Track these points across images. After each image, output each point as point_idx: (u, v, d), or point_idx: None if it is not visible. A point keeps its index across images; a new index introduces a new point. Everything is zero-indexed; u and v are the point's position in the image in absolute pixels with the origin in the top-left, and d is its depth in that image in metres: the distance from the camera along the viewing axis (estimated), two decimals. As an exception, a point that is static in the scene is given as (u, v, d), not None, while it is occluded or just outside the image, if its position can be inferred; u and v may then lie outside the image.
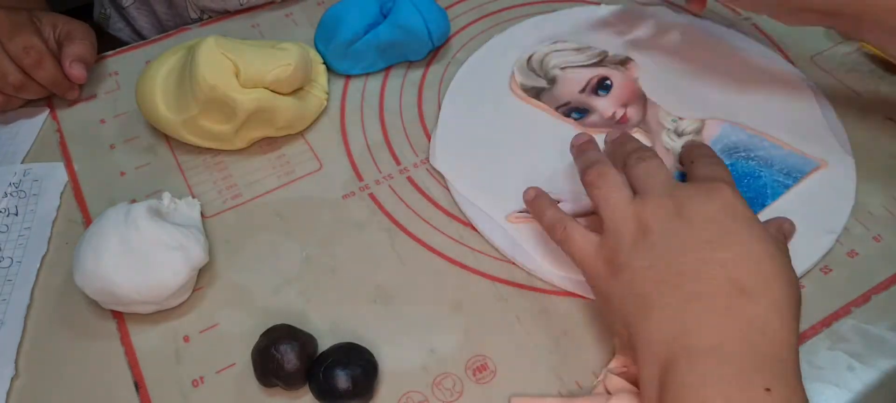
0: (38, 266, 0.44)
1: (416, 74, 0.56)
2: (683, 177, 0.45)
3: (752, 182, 0.47)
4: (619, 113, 0.51)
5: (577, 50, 0.56)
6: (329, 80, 0.54)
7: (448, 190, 0.48)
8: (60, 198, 0.48)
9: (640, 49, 0.56)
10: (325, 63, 0.55)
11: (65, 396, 0.39)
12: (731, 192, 0.36)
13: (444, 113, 0.52)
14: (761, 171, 0.47)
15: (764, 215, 0.44)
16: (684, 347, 0.32)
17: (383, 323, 0.42)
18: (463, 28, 0.60)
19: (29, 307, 0.43)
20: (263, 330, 0.39)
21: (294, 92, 0.50)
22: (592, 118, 0.51)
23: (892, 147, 0.50)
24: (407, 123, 0.52)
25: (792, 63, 0.56)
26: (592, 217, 0.44)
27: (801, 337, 0.39)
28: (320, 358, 0.38)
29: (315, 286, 0.43)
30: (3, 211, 0.47)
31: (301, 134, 0.52)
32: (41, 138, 0.52)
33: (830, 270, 0.43)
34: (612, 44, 0.56)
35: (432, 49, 0.56)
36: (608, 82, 0.53)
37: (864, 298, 0.42)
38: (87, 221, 0.47)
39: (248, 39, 0.51)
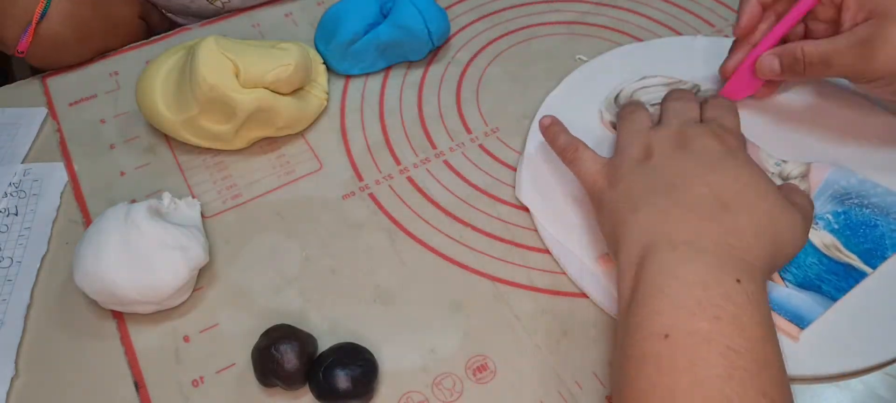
0: (38, 266, 0.44)
1: (416, 74, 0.56)
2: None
3: (868, 232, 0.44)
4: None
5: (667, 85, 0.53)
6: (329, 80, 0.54)
7: (532, 221, 0.48)
8: (60, 197, 0.48)
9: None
10: (325, 63, 0.55)
11: (65, 396, 0.39)
12: (736, 140, 0.41)
13: (529, 145, 0.50)
14: (877, 220, 0.44)
15: (887, 267, 0.43)
16: (664, 234, 0.35)
17: (383, 323, 0.41)
18: (463, 28, 0.60)
19: (29, 307, 0.43)
20: (263, 330, 0.39)
21: (294, 92, 0.50)
22: None
23: None
24: (407, 123, 0.52)
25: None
26: None
27: None
28: (320, 358, 0.38)
29: (315, 286, 0.43)
30: (3, 211, 0.47)
31: (301, 134, 0.52)
32: (41, 138, 0.52)
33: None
34: (705, 79, 0.53)
35: (432, 49, 0.56)
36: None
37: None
38: (87, 221, 0.47)
39: (248, 39, 0.51)
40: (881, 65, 0.42)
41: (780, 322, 0.40)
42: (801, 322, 0.40)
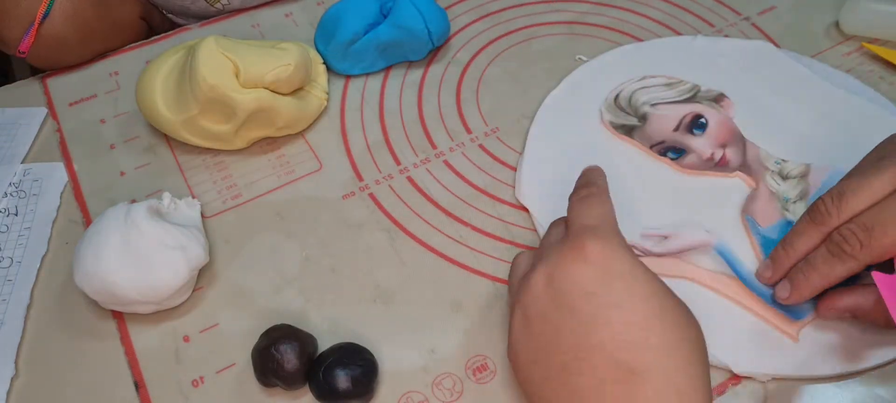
0: (38, 266, 0.44)
1: (416, 74, 0.56)
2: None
3: None
4: (718, 154, 0.48)
5: (667, 85, 0.53)
6: (329, 80, 0.54)
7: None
8: (60, 197, 0.48)
9: (735, 85, 0.53)
10: (325, 63, 0.55)
11: (65, 396, 0.39)
12: (601, 246, 0.32)
13: (529, 146, 0.50)
14: None
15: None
16: None
17: (383, 323, 0.42)
18: (463, 28, 0.60)
19: (29, 307, 0.43)
20: (263, 330, 0.39)
21: (294, 92, 0.50)
22: (690, 158, 0.48)
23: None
24: (407, 123, 0.52)
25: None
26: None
27: None
28: (320, 358, 0.38)
29: (315, 286, 0.43)
30: (3, 211, 0.47)
31: (301, 134, 0.52)
32: (41, 138, 0.52)
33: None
34: (705, 78, 0.53)
35: (432, 49, 0.56)
36: (703, 120, 0.50)
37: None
38: (87, 221, 0.47)
39: (248, 39, 0.51)
40: None
41: (776, 320, 0.40)
42: (796, 315, 0.40)
